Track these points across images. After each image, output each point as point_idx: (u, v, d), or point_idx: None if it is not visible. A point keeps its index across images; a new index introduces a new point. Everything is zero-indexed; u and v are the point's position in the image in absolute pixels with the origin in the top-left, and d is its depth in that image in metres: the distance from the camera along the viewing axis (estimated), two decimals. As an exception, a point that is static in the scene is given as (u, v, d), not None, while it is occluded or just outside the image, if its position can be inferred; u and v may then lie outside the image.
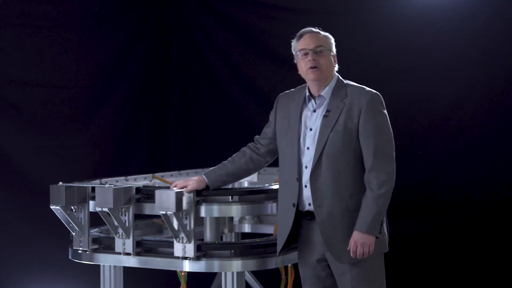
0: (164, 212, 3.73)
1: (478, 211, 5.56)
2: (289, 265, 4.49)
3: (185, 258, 3.87)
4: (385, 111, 3.63)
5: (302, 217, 3.68)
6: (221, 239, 4.51)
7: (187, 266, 3.90)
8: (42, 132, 5.54)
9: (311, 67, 3.60)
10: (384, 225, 3.67)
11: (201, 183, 3.83)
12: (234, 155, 3.93)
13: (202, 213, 3.90)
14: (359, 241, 3.50)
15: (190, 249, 3.86)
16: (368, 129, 3.55)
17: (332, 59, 3.67)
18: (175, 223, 3.81)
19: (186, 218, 3.84)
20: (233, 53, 6.40)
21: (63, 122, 5.69)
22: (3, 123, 5.31)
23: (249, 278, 4.79)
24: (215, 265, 3.87)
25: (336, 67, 3.72)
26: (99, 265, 4.28)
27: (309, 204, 3.63)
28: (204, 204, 3.88)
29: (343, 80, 3.71)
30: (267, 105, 6.16)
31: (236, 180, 4.01)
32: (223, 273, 3.97)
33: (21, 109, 5.43)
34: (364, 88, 3.65)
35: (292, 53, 3.73)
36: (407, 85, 5.73)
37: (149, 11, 6.46)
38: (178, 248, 3.88)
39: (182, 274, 4.42)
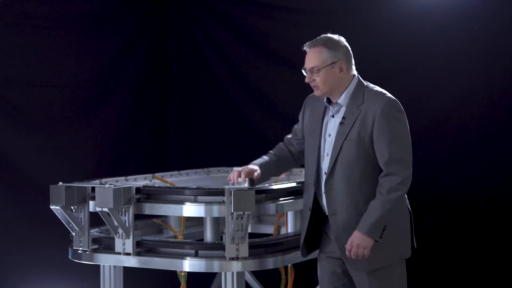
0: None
1: (479, 211, 5.56)
2: (289, 265, 4.50)
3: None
4: (402, 117, 3.58)
5: (326, 218, 3.71)
6: (221, 239, 4.50)
7: (187, 266, 3.90)
8: (42, 132, 5.54)
9: (312, 86, 3.61)
10: (409, 229, 3.68)
11: (254, 171, 3.74)
12: (273, 150, 3.88)
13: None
14: (355, 241, 3.50)
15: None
16: (382, 137, 3.51)
17: (337, 70, 3.59)
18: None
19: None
20: (233, 53, 6.40)
21: (63, 122, 5.69)
22: (3, 123, 5.31)
23: (249, 278, 4.79)
24: (215, 265, 3.87)
25: (353, 71, 3.65)
26: (99, 265, 4.28)
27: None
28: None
29: (364, 82, 3.67)
30: (267, 105, 6.23)
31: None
32: (223, 273, 3.97)
33: (21, 109, 5.43)
34: (382, 94, 3.60)
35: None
36: (407, 85, 5.72)
37: (149, 11, 6.46)
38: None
39: (182, 274, 4.42)
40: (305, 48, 3.65)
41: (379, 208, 3.48)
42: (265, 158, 3.85)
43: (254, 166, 3.76)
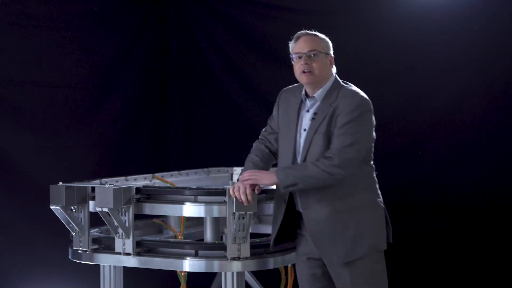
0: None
1: (478, 211, 5.56)
2: (289, 265, 4.50)
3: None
4: (367, 117, 3.57)
5: (300, 216, 3.70)
6: (221, 239, 4.51)
7: (187, 266, 3.90)
8: (42, 132, 5.54)
9: (304, 71, 3.60)
10: (384, 222, 3.66)
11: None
12: (255, 152, 3.85)
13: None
14: (260, 174, 3.60)
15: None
16: (338, 128, 3.51)
17: (328, 61, 3.65)
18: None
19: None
20: (233, 53, 6.40)
21: (63, 122, 5.69)
22: (3, 123, 5.31)
23: (249, 278, 4.78)
24: (215, 265, 3.87)
25: (334, 69, 3.70)
26: (99, 265, 4.28)
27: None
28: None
29: (341, 82, 3.68)
30: (267, 105, 6.16)
31: None
32: (223, 273, 3.97)
33: (21, 109, 5.43)
34: (355, 93, 3.60)
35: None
36: (407, 85, 5.73)
37: (149, 11, 6.46)
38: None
39: (182, 274, 4.42)
40: (299, 36, 3.67)
41: (303, 165, 3.52)
42: (256, 165, 3.80)
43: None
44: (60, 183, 4.00)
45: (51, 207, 3.95)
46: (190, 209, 3.91)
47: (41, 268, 5.39)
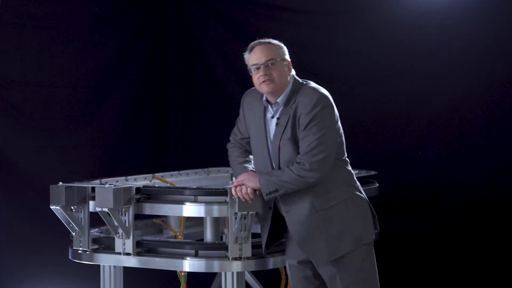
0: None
1: (479, 212, 5.56)
2: (289, 265, 4.49)
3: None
4: (327, 112, 3.56)
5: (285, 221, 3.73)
6: (221, 239, 4.51)
7: (187, 266, 3.90)
8: (42, 132, 5.53)
9: (264, 81, 3.59)
10: (367, 216, 3.67)
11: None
12: (237, 154, 3.87)
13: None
14: (246, 176, 3.61)
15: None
16: (302, 131, 3.52)
17: (286, 67, 3.65)
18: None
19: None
20: (233, 53, 6.39)
21: (63, 122, 5.69)
22: (3, 123, 5.30)
23: (249, 278, 4.78)
24: (215, 265, 3.87)
25: (293, 71, 3.68)
26: (99, 265, 4.28)
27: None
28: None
29: (301, 81, 3.67)
30: (267, 105, 6.21)
31: None
32: (223, 273, 3.97)
33: (21, 109, 5.43)
34: (313, 90, 3.59)
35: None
36: (407, 85, 5.73)
37: (149, 11, 6.45)
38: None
39: (182, 274, 4.42)
40: (253, 46, 3.72)
41: (280, 172, 3.54)
42: (249, 164, 3.83)
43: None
44: (60, 183, 4.00)
45: (51, 207, 3.95)
46: (190, 209, 3.92)
47: (41, 268, 5.39)
